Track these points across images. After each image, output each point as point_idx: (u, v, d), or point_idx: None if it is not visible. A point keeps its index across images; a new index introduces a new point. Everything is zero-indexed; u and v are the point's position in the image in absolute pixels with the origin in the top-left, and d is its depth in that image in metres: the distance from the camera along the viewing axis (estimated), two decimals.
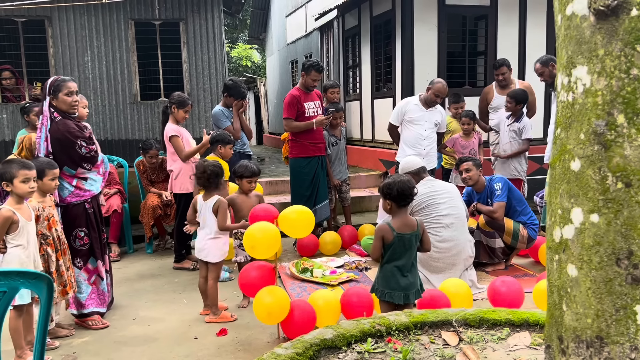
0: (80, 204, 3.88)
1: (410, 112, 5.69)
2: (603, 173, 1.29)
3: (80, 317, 3.90)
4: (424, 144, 5.69)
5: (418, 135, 5.67)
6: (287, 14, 14.86)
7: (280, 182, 7.80)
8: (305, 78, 5.60)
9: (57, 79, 3.80)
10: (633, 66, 1.24)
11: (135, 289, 4.77)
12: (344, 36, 10.18)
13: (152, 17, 7.77)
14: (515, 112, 5.73)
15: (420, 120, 5.67)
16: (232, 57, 23.37)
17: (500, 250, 4.85)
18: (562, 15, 1.43)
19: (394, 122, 5.85)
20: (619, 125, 1.26)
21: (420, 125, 5.67)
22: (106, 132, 7.75)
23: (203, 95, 7.99)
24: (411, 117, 5.69)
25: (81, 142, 3.81)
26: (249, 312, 3.85)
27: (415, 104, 5.71)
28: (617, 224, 1.27)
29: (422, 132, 5.67)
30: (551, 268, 1.48)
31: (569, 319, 1.40)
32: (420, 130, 5.67)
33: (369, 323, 2.59)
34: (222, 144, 4.84)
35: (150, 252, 6.04)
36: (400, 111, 5.77)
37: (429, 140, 5.72)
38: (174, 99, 5.16)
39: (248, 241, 3.37)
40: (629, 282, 1.26)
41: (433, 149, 5.81)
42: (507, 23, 7.76)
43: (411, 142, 5.70)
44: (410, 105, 5.73)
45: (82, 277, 3.90)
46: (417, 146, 5.67)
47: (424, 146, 5.68)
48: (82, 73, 7.57)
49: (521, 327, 2.59)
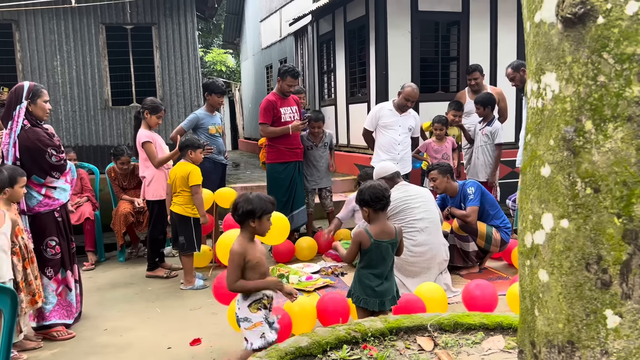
0: (49, 213, 3.80)
1: (384, 117, 5.75)
2: (572, 179, 1.30)
3: (40, 330, 3.79)
4: (398, 149, 5.73)
5: (392, 140, 5.72)
6: (261, 19, 14.82)
7: (256, 188, 7.73)
8: (281, 83, 5.58)
9: (36, 85, 3.79)
10: (600, 73, 1.25)
11: (106, 299, 4.67)
12: (318, 41, 10.19)
13: (123, 22, 7.66)
14: (487, 116, 5.81)
15: (394, 125, 5.72)
16: (206, 61, 23.21)
17: (474, 253, 4.90)
18: (530, 23, 1.44)
19: (368, 127, 5.91)
20: (587, 131, 1.27)
21: (394, 130, 5.72)
22: (77, 138, 7.59)
23: (176, 100, 7.90)
24: (385, 122, 5.74)
25: (51, 150, 3.74)
26: (223, 320, 3.80)
27: (389, 109, 5.76)
28: (587, 229, 1.28)
29: (396, 137, 5.72)
30: (523, 273, 1.49)
31: (541, 324, 1.40)
32: (395, 135, 5.72)
33: (345, 330, 2.58)
34: (191, 148, 4.78)
35: (122, 260, 5.93)
36: (374, 116, 5.82)
37: (403, 145, 5.77)
38: (146, 105, 5.09)
39: (222, 249, 3.33)
40: (598, 286, 1.27)
41: (407, 153, 5.85)
42: (478, 29, 7.87)
43: (385, 147, 5.75)
44: (384, 111, 5.78)
45: (51, 287, 3.80)
46: (392, 151, 5.72)
47: (398, 151, 5.73)
48: (51, 78, 7.41)
49: (495, 331, 2.61)
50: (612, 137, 1.23)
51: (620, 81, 1.22)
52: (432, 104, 7.61)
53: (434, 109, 7.29)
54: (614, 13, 1.22)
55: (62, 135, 7.43)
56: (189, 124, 5.57)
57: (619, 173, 1.23)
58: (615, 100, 1.23)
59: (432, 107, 7.45)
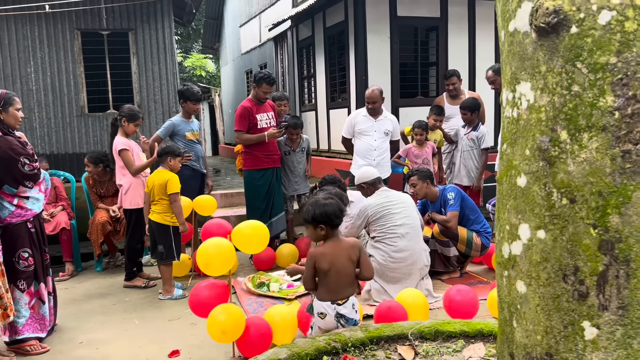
0: (21, 224, 3.69)
1: (360, 123, 5.79)
2: (548, 189, 1.29)
3: (13, 344, 3.68)
4: (374, 155, 5.76)
5: (368, 145, 5.76)
6: (240, 24, 14.76)
7: (236, 195, 7.67)
8: (256, 90, 5.51)
9: (8, 92, 3.70)
10: (574, 83, 1.25)
11: (82, 310, 4.57)
12: (298, 47, 10.18)
13: (99, 27, 7.55)
14: (472, 122, 5.84)
15: (370, 131, 5.75)
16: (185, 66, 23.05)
17: (455, 258, 4.91)
18: (505, 31, 1.43)
19: (345, 135, 5.96)
20: (562, 141, 1.27)
21: (370, 136, 5.75)
22: (52, 146, 7.45)
23: (154, 106, 7.80)
24: (361, 129, 5.79)
25: (24, 159, 3.64)
26: (203, 331, 3.74)
27: (364, 115, 5.81)
28: (563, 240, 1.27)
29: (372, 143, 5.75)
30: (501, 284, 1.48)
31: (520, 336, 1.39)
32: (370, 140, 5.75)
33: (325, 340, 2.55)
34: (171, 155, 4.71)
35: (99, 270, 5.81)
36: (350, 124, 5.88)
37: (380, 151, 5.78)
38: (124, 112, 5.00)
39: (201, 258, 3.27)
40: (575, 298, 1.26)
41: (384, 159, 5.85)
42: (457, 34, 7.92)
43: (362, 153, 5.80)
44: (359, 117, 5.82)
45: (24, 300, 3.70)
46: (368, 157, 5.75)
47: (374, 157, 5.75)
48: (25, 85, 7.27)
49: (476, 338, 2.60)
50: (587, 147, 1.23)
51: (594, 91, 1.22)
52: (412, 108, 7.65)
53: (413, 113, 7.32)
54: (587, 23, 1.22)
55: (37, 143, 7.29)
56: (165, 131, 5.49)
57: (594, 183, 1.22)
58: (589, 110, 1.23)
59: (412, 112, 7.48)
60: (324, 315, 3.00)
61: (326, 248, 2.98)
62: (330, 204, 2.97)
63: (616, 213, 1.19)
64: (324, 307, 3.00)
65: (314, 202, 3.00)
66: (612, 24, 1.18)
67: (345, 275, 3.02)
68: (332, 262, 2.95)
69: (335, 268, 2.97)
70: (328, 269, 2.95)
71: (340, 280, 3.00)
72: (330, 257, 2.96)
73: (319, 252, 2.97)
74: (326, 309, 2.99)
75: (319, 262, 2.95)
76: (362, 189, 4.65)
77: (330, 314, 2.97)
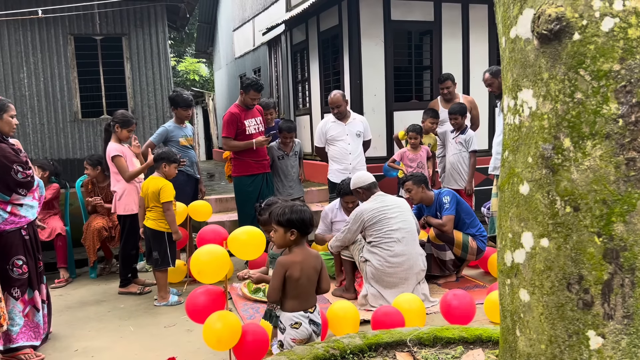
0: (15, 231, 3.65)
1: (330, 130, 5.82)
2: (552, 197, 1.28)
3: (7, 353, 3.64)
4: (350, 158, 5.78)
5: (343, 150, 5.78)
6: (234, 28, 14.74)
7: (231, 200, 7.62)
8: (244, 96, 5.46)
9: (2, 99, 3.67)
10: (577, 90, 1.24)
11: (77, 318, 4.52)
12: (292, 51, 10.16)
13: (92, 32, 7.51)
14: (461, 126, 5.88)
15: (342, 135, 5.78)
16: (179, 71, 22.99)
17: (451, 262, 4.91)
18: (506, 38, 1.42)
19: (318, 144, 6.00)
20: (566, 149, 1.26)
21: (343, 141, 5.78)
22: (45, 151, 7.39)
23: (148, 112, 7.76)
24: (332, 135, 5.82)
25: (17, 167, 3.60)
26: (199, 338, 3.70)
27: (333, 121, 5.84)
28: (567, 248, 1.26)
29: (346, 147, 5.78)
30: (503, 292, 1.46)
31: (523, 345, 1.38)
32: (344, 145, 5.78)
33: (323, 347, 2.53)
34: (166, 162, 4.67)
35: (94, 276, 5.77)
36: (321, 132, 5.91)
37: (355, 154, 5.81)
38: (117, 118, 4.96)
39: (194, 266, 3.24)
40: (580, 307, 1.25)
41: (360, 162, 5.85)
42: (451, 38, 7.94)
43: (337, 158, 5.83)
44: (328, 124, 5.85)
45: (18, 308, 3.65)
46: (344, 161, 5.77)
47: (349, 160, 5.77)
48: (17, 90, 7.21)
49: (474, 344, 2.59)
50: (591, 154, 1.22)
51: (598, 98, 1.21)
52: (406, 112, 7.64)
53: (408, 117, 7.33)
54: (590, 29, 1.21)
55: (30, 148, 7.23)
56: (159, 137, 5.45)
57: (598, 191, 1.21)
58: (593, 118, 1.22)
59: (406, 116, 7.48)
60: (299, 325, 2.84)
61: (297, 256, 2.84)
62: (307, 211, 2.87)
63: (621, 221, 1.18)
64: (296, 317, 2.84)
65: (290, 206, 2.87)
66: (615, 31, 1.18)
67: (313, 283, 2.91)
68: (302, 270, 2.82)
69: (305, 276, 2.84)
70: (299, 277, 2.81)
71: (310, 288, 2.90)
72: (301, 265, 2.82)
73: (289, 260, 2.81)
74: (300, 319, 2.84)
75: (291, 270, 2.80)
76: (358, 194, 4.63)
77: (304, 322, 2.85)
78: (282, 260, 2.84)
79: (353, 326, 3.61)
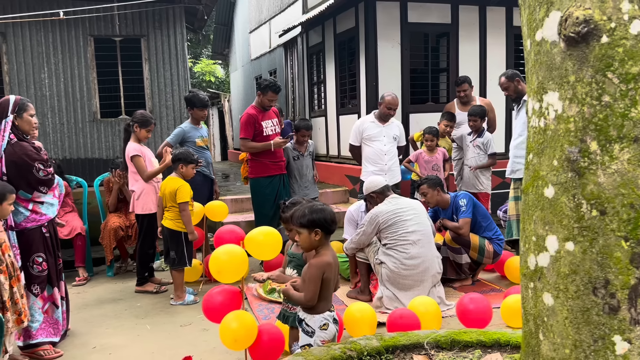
0: (36, 229, 3.71)
1: (368, 129, 5.76)
2: (577, 200, 1.27)
3: (27, 349, 3.69)
4: (385, 159, 5.74)
5: (378, 151, 5.74)
6: (250, 30, 14.81)
7: (246, 200, 7.66)
8: (261, 98, 5.47)
9: (22, 98, 3.72)
10: (604, 93, 1.23)
11: (94, 315, 4.57)
12: (308, 53, 10.19)
13: (112, 34, 7.60)
14: (478, 128, 5.85)
15: (379, 136, 5.74)
16: (195, 72, 23.14)
17: (467, 265, 4.87)
18: (531, 41, 1.42)
19: (353, 142, 5.92)
20: (592, 152, 1.25)
21: (380, 141, 5.74)
22: (64, 151, 7.49)
23: (165, 112, 7.83)
24: (369, 135, 5.76)
25: (39, 165, 3.67)
26: (215, 337, 3.73)
27: (372, 121, 5.78)
28: (593, 252, 1.25)
29: (382, 148, 5.73)
30: (526, 296, 1.46)
31: (546, 349, 1.37)
32: (380, 145, 5.74)
33: (340, 349, 2.53)
34: (184, 162, 4.70)
35: (111, 275, 5.83)
36: (357, 131, 5.84)
37: (390, 155, 5.77)
38: (136, 118, 5.02)
39: (214, 265, 3.27)
40: (606, 311, 1.24)
41: (395, 163, 5.85)
42: (468, 40, 7.90)
43: (372, 159, 5.77)
44: (366, 124, 5.80)
45: (37, 305, 3.71)
46: (379, 162, 5.73)
47: (385, 161, 5.74)
48: (38, 90, 7.32)
49: (492, 348, 2.57)
50: (618, 158, 1.21)
51: (626, 101, 1.20)
52: (422, 114, 7.62)
53: (424, 119, 7.30)
54: (618, 32, 1.20)
55: (49, 148, 7.33)
56: (176, 138, 5.50)
57: (625, 195, 1.20)
58: (620, 121, 1.21)
59: (423, 118, 7.46)
60: (327, 326, 2.81)
61: (328, 257, 2.80)
62: (327, 210, 2.83)
63: None
64: (324, 318, 2.81)
65: (309, 207, 2.84)
66: None
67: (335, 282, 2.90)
68: (334, 272, 2.81)
69: (335, 277, 2.83)
70: (331, 279, 2.78)
71: (333, 288, 2.87)
72: (334, 266, 2.81)
73: (324, 262, 2.76)
74: (327, 319, 2.82)
75: (327, 272, 2.76)
76: (372, 199, 4.62)
77: (330, 322, 2.83)
78: (317, 262, 2.77)
79: (370, 328, 3.61)
